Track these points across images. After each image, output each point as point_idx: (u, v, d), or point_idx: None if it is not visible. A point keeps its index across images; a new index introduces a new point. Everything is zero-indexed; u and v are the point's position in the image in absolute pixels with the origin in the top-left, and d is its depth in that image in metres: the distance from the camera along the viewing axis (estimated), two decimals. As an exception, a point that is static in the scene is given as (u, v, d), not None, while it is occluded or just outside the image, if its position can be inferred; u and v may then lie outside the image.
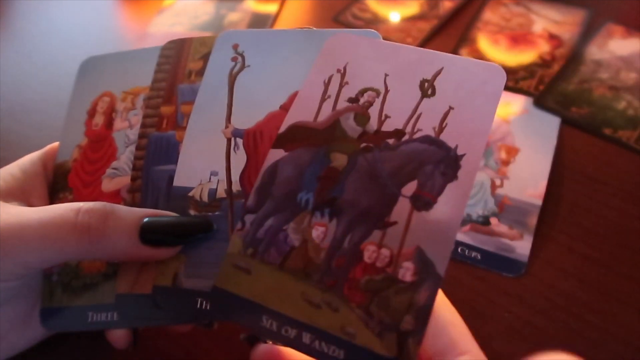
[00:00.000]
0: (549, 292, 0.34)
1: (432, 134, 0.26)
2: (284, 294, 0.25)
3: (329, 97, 0.28)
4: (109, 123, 0.32)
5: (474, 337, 0.24)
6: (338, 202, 0.26)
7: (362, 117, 0.27)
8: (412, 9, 0.57)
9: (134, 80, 0.33)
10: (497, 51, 0.51)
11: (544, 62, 0.49)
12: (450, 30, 0.54)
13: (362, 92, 0.28)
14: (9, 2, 0.62)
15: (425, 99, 0.27)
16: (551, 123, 0.44)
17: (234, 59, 0.31)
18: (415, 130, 0.26)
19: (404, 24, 0.55)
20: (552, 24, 0.53)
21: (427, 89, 0.27)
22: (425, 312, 0.23)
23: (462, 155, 0.25)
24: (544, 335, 0.32)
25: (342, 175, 0.26)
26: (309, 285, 0.25)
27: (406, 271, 0.24)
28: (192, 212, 0.27)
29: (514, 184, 0.40)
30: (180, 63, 0.32)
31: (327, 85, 0.28)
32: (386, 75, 0.28)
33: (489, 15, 0.55)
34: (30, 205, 0.28)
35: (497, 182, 0.40)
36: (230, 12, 0.58)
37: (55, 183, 0.31)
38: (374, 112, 0.27)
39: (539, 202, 0.38)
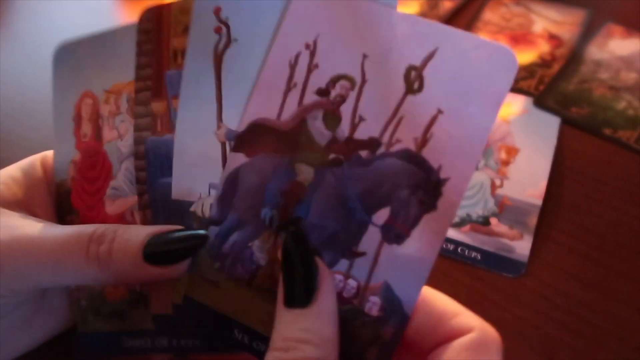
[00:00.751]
0: (549, 292, 0.34)
1: (414, 146, 0.22)
2: (252, 311, 0.24)
3: (295, 85, 0.23)
4: (98, 133, 0.29)
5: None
6: (303, 224, 0.23)
7: (332, 117, 0.23)
8: (412, 9, 0.57)
9: (115, 70, 0.28)
10: None
11: (544, 62, 0.49)
12: (450, 30, 0.54)
13: (334, 80, 0.23)
14: (9, 2, 0.62)
15: (409, 96, 0.22)
16: (551, 123, 0.44)
17: (217, 30, 0.25)
18: (394, 140, 0.22)
19: (404, 24, 0.55)
20: (552, 24, 0.53)
21: (413, 81, 0.21)
22: (390, 347, 0.22)
23: (446, 180, 0.21)
24: (544, 335, 0.32)
25: (308, 192, 0.23)
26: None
27: (372, 305, 0.22)
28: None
29: (514, 184, 0.40)
30: (162, 40, 0.27)
31: (293, 67, 0.23)
32: (365, 56, 0.22)
33: (489, 15, 0.55)
34: (33, 214, 0.28)
35: (497, 182, 0.40)
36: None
37: (60, 203, 0.29)
38: (346, 110, 0.22)
39: (539, 202, 0.38)
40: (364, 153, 0.22)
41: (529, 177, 0.40)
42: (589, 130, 0.43)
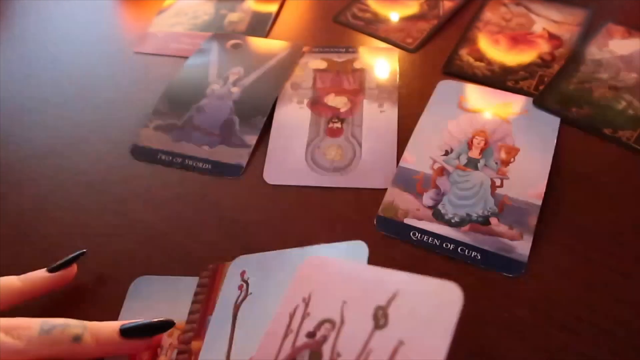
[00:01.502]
0: (549, 292, 0.34)
1: None
2: None
3: (291, 331, 0.27)
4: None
5: (474, 337, 0.24)
6: None
7: (315, 356, 0.26)
8: (412, 9, 0.57)
9: (176, 308, 0.34)
10: (497, 51, 0.51)
11: (543, 62, 0.49)
12: (450, 30, 0.54)
13: (320, 324, 0.27)
14: (9, 2, 0.62)
15: (377, 331, 0.25)
16: (551, 123, 0.44)
17: (240, 287, 0.32)
18: None
19: (404, 24, 0.55)
20: (552, 24, 0.53)
21: (379, 318, 0.26)
22: None
23: None
24: (544, 335, 0.32)
25: None
26: None
27: None
28: None
29: (514, 184, 0.39)
30: (212, 292, 0.34)
31: (291, 317, 0.28)
32: (344, 302, 0.27)
33: (489, 15, 0.55)
34: None
35: (497, 182, 0.40)
36: (230, 12, 0.58)
37: None
38: (327, 348, 0.26)
39: (538, 202, 0.38)
40: None
41: (529, 177, 0.40)
42: (589, 130, 0.43)
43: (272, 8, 0.58)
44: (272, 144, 0.45)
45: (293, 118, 0.46)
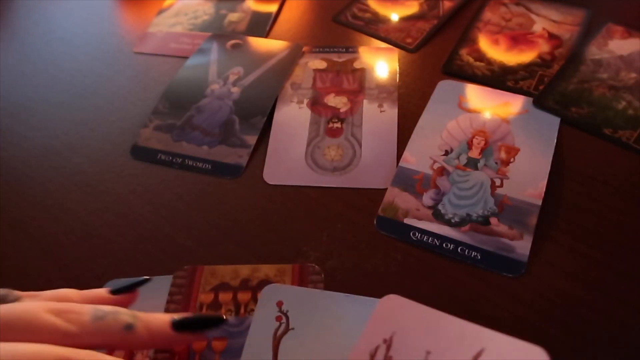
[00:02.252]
0: (549, 292, 0.34)
1: None
2: None
3: None
4: None
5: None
6: None
7: None
8: (412, 9, 0.57)
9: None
10: (497, 51, 0.51)
11: (543, 62, 0.49)
12: (450, 30, 0.54)
13: None
14: (9, 2, 0.62)
15: None
16: (551, 123, 0.44)
17: (278, 319, 0.32)
18: None
19: (403, 24, 0.55)
20: (551, 24, 0.53)
21: None
22: None
23: None
24: (544, 335, 0.32)
25: None
26: None
27: None
28: None
29: (513, 184, 0.39)
30: (191, 294, 0.34)
31: (372, 357, 0.29)
32: (427, 352, 0.28)
33: (489, 15, 0.55)
34: None
35: (497, 182, 0.40)
36: (230, 12, 0.58)
37: None
38: None
39: (538, 202, 0.38)
40: None
41: (528, 177, 0.40)
42: (589, 130, 0.43)
43: (272, 8, 0.58)
44: (272, 144, 0.45)
45: (293, 118, 0.46)
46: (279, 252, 0.37)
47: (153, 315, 0.29)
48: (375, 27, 0.55)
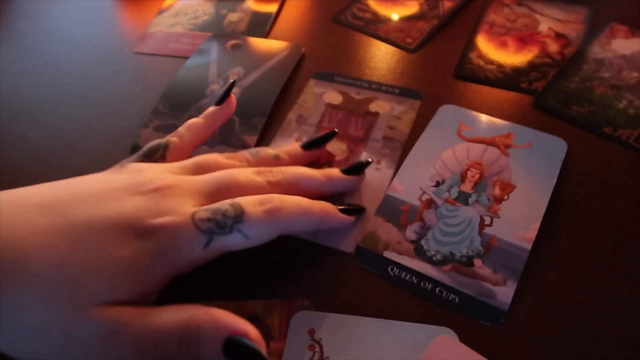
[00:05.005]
0: (549, 292, 0.34)
1: None
2: None
3: None
4: None
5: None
6: None
7: None
8: (412, 9, 0.56)
9: None
10: (506, 53, 0.50)
11: (554, 62, 0.49)
12: (450, 30, 0.54)
13: None
14: (9, 2, 0.62)
15: None
16: (554, 160, 0.41)
17: (312, 348, 0.31)
18: None
19: (403, 24, 0.55)
20: (557, 23, 0.53)
21: None
22: None
23: None
24: (543, 335, 0.32)
25: None
26: None
27: None
28: None
29: (504, 224, 0.36)
30: None
31: None
32: None
33: (493, 16, 0.55)
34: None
35: (487, 220, 0.37)
36: (230, 12, 0.58)
37: None
38: None
39: (528, 246, 0.35)
40: None
41: (521, 218, 0.37)
42: (589, 129, 0.43)
43: (272, 8, 0.58)
44: None
45: None
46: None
47: (288, 145, 0.41)
48: (375, 27, 0.55)
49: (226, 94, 0.41)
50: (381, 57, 0.52)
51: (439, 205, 0.38)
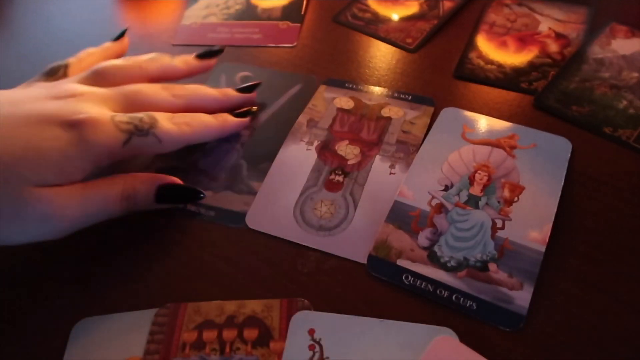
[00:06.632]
0: (550, 293, 0.34)
1: None
2: None
3: None
4: None
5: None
6: None
7: None
8: (412, 9, 0.56)
9: (127, 349, 0.31)
10: (506, 53, 0.50)
11: (554, 62, 0.49)
12: (450, 30, 0.54)
13: None
14: (9, 2, 0.62)
15: None
16: (560, 160, 0.40)
17: (311, 348, 0.31)
18: None
19: (403, 24, 0.55)
20: (557, 23, 0.53)
21: None
22: None
23: None
24: (543, 335, 0.32)
25: None
26: None
27: None
28: None
29: (516, 227, 0.36)
30: (174, 333, 0.32)
31: None
32: None
33: (493, 17, 0.55)
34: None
35: (499, 223, 0.36)
36: (262, 0, 0.59)
37: None
38: None
39: (542, 247, 0.35)
40: None
41: (533, 220, 0.36)
42: (589, 129, 0.43)
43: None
44: (266, 184, 0.41)
45: (296, 159, 0.42)
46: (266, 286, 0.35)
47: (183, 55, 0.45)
48: (375, 27, 0.55)
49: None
50: (381, 57, 0.52)
51: (450, 210, 0.37)
